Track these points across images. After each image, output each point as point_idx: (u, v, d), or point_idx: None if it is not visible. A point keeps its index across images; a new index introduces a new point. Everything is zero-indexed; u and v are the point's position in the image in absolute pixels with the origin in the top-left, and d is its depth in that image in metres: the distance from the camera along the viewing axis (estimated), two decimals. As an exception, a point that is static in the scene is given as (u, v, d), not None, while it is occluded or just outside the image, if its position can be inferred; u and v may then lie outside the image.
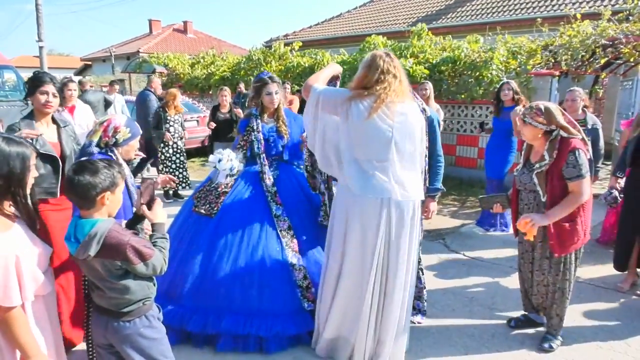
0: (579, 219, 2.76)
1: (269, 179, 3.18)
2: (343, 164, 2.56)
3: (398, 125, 2.44)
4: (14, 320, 1.66)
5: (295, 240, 3.07)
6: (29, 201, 1.78)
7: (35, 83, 2.78)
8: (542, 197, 2.78)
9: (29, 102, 3.09)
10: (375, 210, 2.44)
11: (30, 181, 1.78)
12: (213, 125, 6.58)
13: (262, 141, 3.27)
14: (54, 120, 2.91)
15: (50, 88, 2.78)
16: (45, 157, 2.68)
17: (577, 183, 2.68)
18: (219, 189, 3.18)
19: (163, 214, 1.97)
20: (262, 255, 2.96)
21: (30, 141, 2.48)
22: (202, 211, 3.14)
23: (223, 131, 6.64)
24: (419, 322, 3.23)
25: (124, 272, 1.80)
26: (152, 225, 1.95)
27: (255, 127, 3.29)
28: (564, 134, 2.75)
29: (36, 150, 1.86)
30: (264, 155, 3.27)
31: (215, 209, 3.11)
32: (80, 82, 9.01)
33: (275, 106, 3.33)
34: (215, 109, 6.78)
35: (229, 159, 3.18)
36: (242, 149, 3.33)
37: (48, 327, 1.87)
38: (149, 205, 1.95)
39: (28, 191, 1.77)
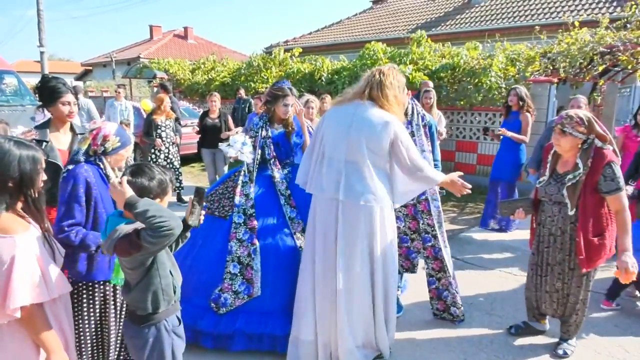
0: (607, 233, 2.70)
1: (282, 182, 3.24)
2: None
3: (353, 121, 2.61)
4: (37, 318, 1.70)
5: None
6: (39, 204, 1.80)
7: (54, 95, 2.76)
8: (570, 210, 2.72)
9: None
10: (332, 206, 2.60)
11: (40, 184, 1.79)
12: (196, 130, 6.48)
13: (272, 146, 3.33)
14: (71, 128, 2.94)
15: (70, 98, 2.80)
16: (48, 164, 2.68)
17: (617, 197, 2.63)
18: (232, 191, 3.20)
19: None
20: (277, 256, 3.00)
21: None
22: (216, 213, 3.18)
23: (210, 137, 6.40)
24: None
25: (141, 264, 1.78)
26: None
27: (265, 134, 3.35)
28: (599, 143, 2.66)
29: (45, 154, 1.88)
30: (275, 160, 3.32)
31: (230, 211, 3.15)
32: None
33: (287, 117, 3.41)
34: (205, 115, 6.69)
35: (241, 135, 3.26)
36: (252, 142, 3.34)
37: (67, 327, 1.89)
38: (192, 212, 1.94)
39: (36, 195, 1.78)
